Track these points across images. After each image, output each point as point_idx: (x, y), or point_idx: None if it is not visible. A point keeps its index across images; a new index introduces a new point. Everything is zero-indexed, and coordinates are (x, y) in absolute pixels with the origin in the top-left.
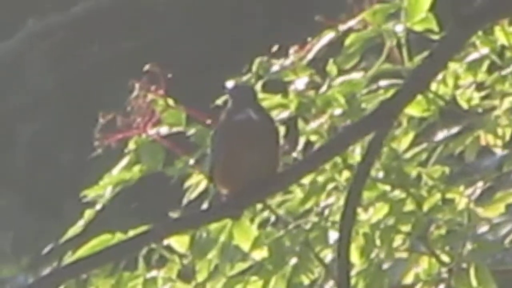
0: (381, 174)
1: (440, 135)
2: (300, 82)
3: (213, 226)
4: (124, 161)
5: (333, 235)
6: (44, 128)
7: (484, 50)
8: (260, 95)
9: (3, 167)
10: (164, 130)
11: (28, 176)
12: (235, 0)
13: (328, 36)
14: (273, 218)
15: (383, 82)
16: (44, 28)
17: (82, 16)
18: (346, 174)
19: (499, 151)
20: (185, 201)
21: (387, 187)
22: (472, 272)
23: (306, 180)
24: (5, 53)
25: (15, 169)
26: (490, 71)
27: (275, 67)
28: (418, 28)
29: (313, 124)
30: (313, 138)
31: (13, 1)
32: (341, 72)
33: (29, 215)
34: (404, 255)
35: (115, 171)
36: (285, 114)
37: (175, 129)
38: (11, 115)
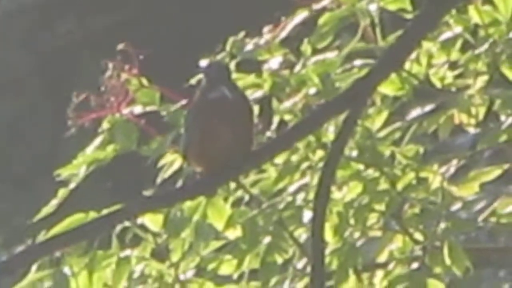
0: (355, 153)
1: (414, 113)
2: (274, 61)
3: (187, 205)
4: (98, 140)
5: (307, 214)
6: (18, 106)
7: (458, 29)
8: (234, 75)
9: None
10: (138, 109)
11: (1, 154)
12: None
13: (302, 15)
14: (247, 197)
15: (357, 62)
16: (17, 7)
17: None
18: (320, 153)
19: (472, 130)
20: (159, 180)
21: (361, 166)
22: (445, 250)
23: (279, 159)
24: None
25: None
26: (463, 50)
27: (249, 46)
28: (391, 7)
29: (287, 103)
30: (287, 117)
31: None
32: (315, 51)
33: (2, 193)
34: (378, 233)
35: (89, 150)
36: (259, 94)
37: (149, 109)
38: None
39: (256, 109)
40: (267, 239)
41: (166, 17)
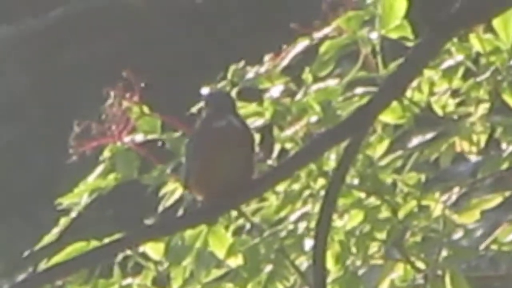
0: (356, 181)
1: (415, 141)
2: (276, 89)
3: (188, 233)
4: (99, 169)
5: (309, 242)
6: (19, 133)
7: (459, 57)
8: (236, 103)
9: None
10: (139, 137)
11: (2, 180)
12: (210, 7)
13: (303, 43)
14: (248, 226)
15: (359, 90)
16: (18, 33)
17: (56, 21)
18: (321, 181)
19: (474, 158)
20: (160, 208)
21: (362, 194)
22: (447, 278)
23: (281, 188)
24: None
25: None
26: (465, 77)
27: (250, 75)
28: (393, 35)
29: (288, 131)
30: (288, 145)
31: None
32: (316, 79)
33: (3, 221)
34: (379, 262)
35: (91, 178)
36: (260, 122)
37: (150, 137)
38: None
39: (257, 137)
40: (268, 267)
41: (167, 45)
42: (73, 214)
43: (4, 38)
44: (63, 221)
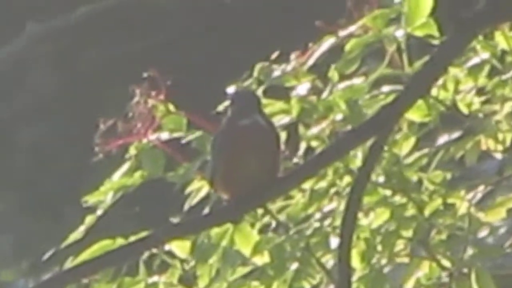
0: (381, 179)
1: (441, 139)
2: (302, 87)
3: (214, 231)
4: (125, 167)
5: (334, 241)
6: (46, 132)
7: (485, 55)
8: (262, 101)
9: (4, 171)
10: (164, 135)
11: (29, 180)
12: (236, 5)
13: (329, 41)
14: (274, 224)
15: (385, 88)
16: (45, 31)
17: (83, 19)
18: (347, 179)
19: (499, 156)
20: (186, 206)
21: (388, 192)
22: (473, 276)
23: (307, 186)
24: (7, 57)
25: (16, 172)
26: (490, 75)
27: (276, 73)
28: (418, 33)
29: (314, 129)
30: (314, 143)
31: (12, 5)
32: (342, 77)
33: (30, 219)
34: (405, 260)
35: (116, 176)
36: (286, 120)
37: (175, 135)
38: (12, 119)
39: (283, 135)
40: (294, 265)
41: (193, 43)
42: (99, 212)
43: (31, 36)
44: (89, 219)
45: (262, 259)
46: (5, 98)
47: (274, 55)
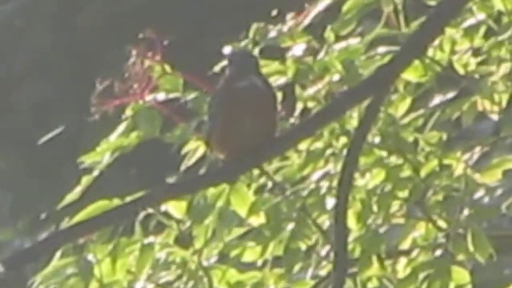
0: (378, 140)
1: (437, 99)
2: (298, 48)
3: (210, 192)
4: (122, 127)
5: (330, 201)
6: (44, 92)
7: (481, 16)
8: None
9: (2, 131)
10: (161, 96)
11: (27, 139)
12: None
13: (325, 1)
14: (270, 184)
15: (381, 49)
16: None
17: None
18: (343, 140)
19: (495, 117)
20: (183, 167)
21: (384, 153)
22: (469, 237)
23: (303, 146)
24: (3, 18)
25: (14, 133)
26: (486, 36)
27: (272, 33)
28: None
29: (311, 90)
30: (310, 104)
31: None
32: (338, 38)
33: (28, 178)
34: (401, 220)
35: (113, 137)
36: (282, 80)
37: (172, 95)
38: (10, 79)
39: (279, 95)
40: (290, 226)
41: (189, 3)
42: (95, 173)
43: None
44: (85, 180)
45: (258, 220)
46: (2, 59)
47: (270, 15)
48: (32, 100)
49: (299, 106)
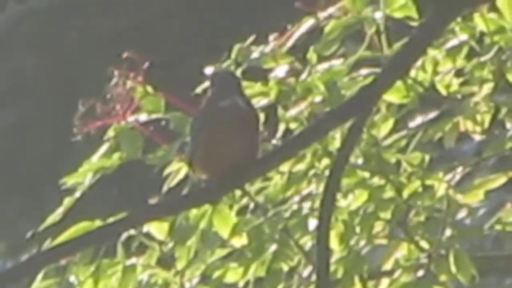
0: (360, 161)
1: (419, 119)
2: (280, 69)
3: (193, 213)
4: (104, 148)
5: (313, 222)
6: (24, 112)
7: (463, 37)
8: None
9: None
10: (143, 117)
11: (7, 160)
12: None
13: (308, 23)
14: (252, 205)
15: (363, 71)
16: (24, 11)
17: (62, 0)
18: (325, 161)
19: (477, 137)
20: (165, 188)
21: (367, 174)
22: (451, 258)
23: (285, 167)
24: None
25: None
26: (469, 57)
27: (255, 54)
28: (397, 14)
29: (293, 111)
30: (292, 125)
31: None
32: (320, 58)
33: (8, 201)
34: (383, 241)
35: (95, 158)
36: (265, 101)
37: (154, 116)
38: None
39: (262, 117)
40: (272, 247)
41: (172, 25)
42: (77, 194)
43: (11, 16)
44: (67, 201)
45: (240, 241)
46: None
47: (252, 37)
48: (13, 120)
49: (282, 127)
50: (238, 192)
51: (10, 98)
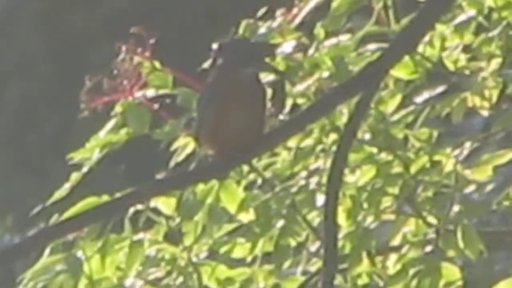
0: (368, 136)
1: (426, 94)
2: (288, 45)
3: (200, 188)
4: (111, 124)
5: (320, 198)
6: (31, 89)
7: (471, 12)
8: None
9: None
10: (150, 93)
11: (15, 136)
12: None
13: None
14: (259, 181)
15: (371, 46)
16: None
17: None
18: (333, 136)
19: (485, 113)
20: (172, 163)
21: (374, 150)
22: (459, 233)
23: (292, 143)
24: None
25: (3, 130)
26: (477, 33)
27: (262, 30)
28: None
29: (300, 87)
30: (300, 100)
31: None
32: (327, 34)
33: (15, 177)
34: (391, 217)
35: (102, 133)
36: (272, 77)
37: (161, 92)
38: None
39: (269, 92)
40: (280, 223)
41: (179, 1)
42: (85, 169)
43: None
44: (75, 177)
45: (248, 217)
46: None
47: (260, 12)
48: (20, 97)
49: (289, 102)
50: (245, 168)
51: (16, 77)
